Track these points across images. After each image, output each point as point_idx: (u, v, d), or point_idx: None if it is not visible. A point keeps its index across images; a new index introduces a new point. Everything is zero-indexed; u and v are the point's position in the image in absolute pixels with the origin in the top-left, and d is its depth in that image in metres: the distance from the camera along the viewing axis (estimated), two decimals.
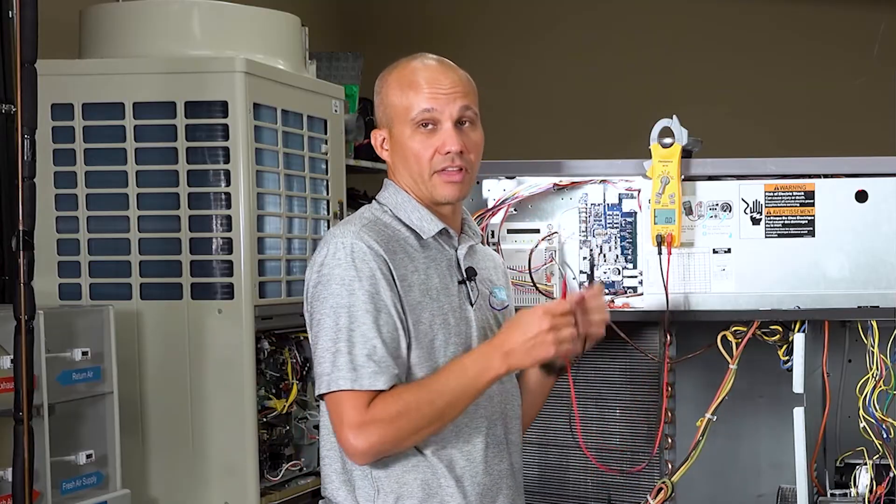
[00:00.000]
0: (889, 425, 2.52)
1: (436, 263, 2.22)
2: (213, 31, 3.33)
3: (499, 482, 2.26)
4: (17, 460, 2.50)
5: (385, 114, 2.25)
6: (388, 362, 2.09)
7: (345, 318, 2.09)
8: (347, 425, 2.07)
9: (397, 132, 2.23)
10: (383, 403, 2.07)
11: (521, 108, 6.33)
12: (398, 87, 2.23)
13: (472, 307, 2.24)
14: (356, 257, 2.11)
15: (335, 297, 2.10)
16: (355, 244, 2.12)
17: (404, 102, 2.21)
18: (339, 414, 2.08)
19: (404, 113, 2.21)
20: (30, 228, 2.50)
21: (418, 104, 2.20)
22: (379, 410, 2.07)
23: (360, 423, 2.06)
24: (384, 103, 2.25)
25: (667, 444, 2.72)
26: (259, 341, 3.22)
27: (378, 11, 6.46)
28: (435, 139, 2.20)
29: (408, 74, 2.23)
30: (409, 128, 2.21)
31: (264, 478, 3.25)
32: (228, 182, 3.14)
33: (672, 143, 2.59)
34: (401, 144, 2.23)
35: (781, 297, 2.58)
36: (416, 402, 2.08)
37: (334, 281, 2.10)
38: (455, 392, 2.11)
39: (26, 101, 2.50)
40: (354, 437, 2.06)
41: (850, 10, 5.98)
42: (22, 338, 2.47)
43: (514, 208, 2.76)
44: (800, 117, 5.98)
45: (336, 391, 2.08)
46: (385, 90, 2.25)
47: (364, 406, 2.07)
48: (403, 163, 2.23)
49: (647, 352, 2.73)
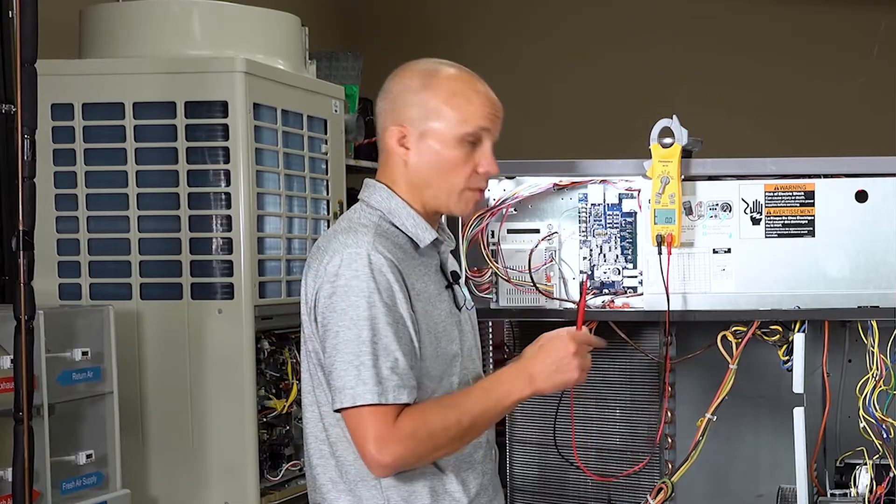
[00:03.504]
0: (889, 425, 2.52)
1: (428, 270, 2.22)
2: (213, 31, 3.33)
3: (493, 481, 2.30)
4: (17, 460, 2.50)
5: (421, 114, 2.17)
6: (409, 375, 2.07)
7: (367, 331, 2.05)
8: (374, 439, 2.04)
9: (436, 138, 2.17)
10: (410, 420, 2.05)
11: (521, 108, 6.31)
12: (451, 94, 2.16)
13: (459, 311, 2.25)
14: (374, 268, 2.07)
15: (355, 308, 2.06)
16: (372, 254, 2.08)
17: (459, 113, 2.16)
18: (364, 427, 2.05)
19: (456, 123, 2.16)
20: (30, 228, 2.49)
21: (476, 120, 2.17)
22: (405, 426, 2.05)
23: (385, 437, 2.04)
24: (425, 105, 2.17)
25: (667, 444, 2.72)
26: (259, 341, 3.22)
27: (378, 11, 6.46)
28: (476, 156, 2.18)
29: (462, 83, 2.18)
30: (454, 138, 2.16)
31: (264, 478, 3.25)
32: (228, 182, 3.14)
33: (672, 143, 2.59)
34: (436, 152, 2.17)
35: (781, 297, 2.58)
36: (443, 422, 2.08)
37: (353, 293, 2.06)
38: (480, 414, 2.12)
39: (26, 101, 2.50)
40: (379, 451, 2.04)
41: (850, 10, 5.98)
42: (22, 338, 2.47)
43: (514, 208, 2.75)
44: (800, 117, 5.98)
45: (361, 405, 2.04)
46: (432, 91, 2.17)
47: (390, 420, 2.04)
48: (433, 169, 2.18)
49: (647, 352, 2.73)
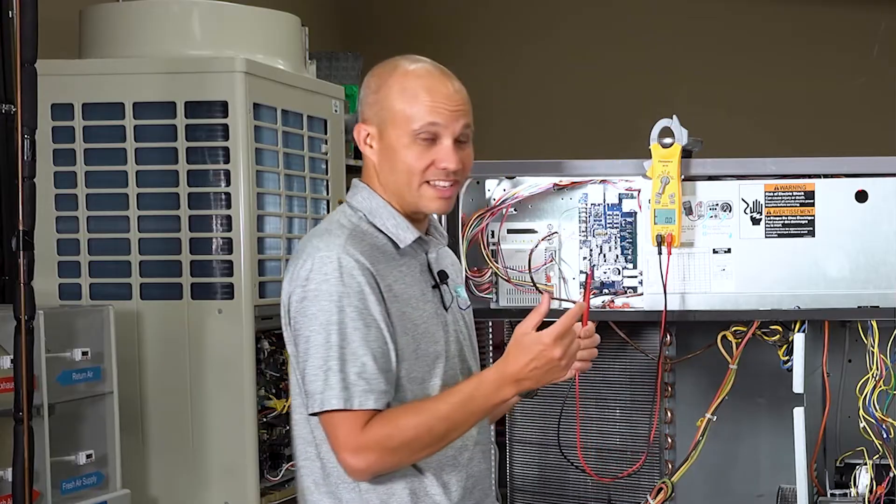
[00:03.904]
0: (889, 425, 2.52)
1: (411, 270, 2.19)
2: (213, 31, 3.33)
3: (481, 483, 2.25)
4: (17, 460, 2.50)
5: (379, 114, 2.16)
6: (380, 380, 2.05)
7: (335, 336, 2.04)
8: (343, 447, 2.04)
9: (392, 136, 2.14)
10: (379, 427, 2.03)
11: (521, 107, 6.33)
12: (401, 92, 2.14)
13: (446, 311, 2.22)
14: (344, 272, 2.05)
15: (324, 313, 2.04)
16: (342, 258, 2.05)
17: (408, 111, 2.13)
18: (335, 434, 2.05)
19: (405, 121, 2.13)
20: (30, 228, 2.50)
21: (423, 116, 2.12)
22: (375, 434, 2.03)
23: (355, 446, 2.03)
24: (381, 103, 2.16)
25: (667, 444, 2.72)
26: (259, 341, 3.23)
27: (378, 11, 6.46)
28: (432, 152, 2.13)
29: (413, 81, 2.15)
30: (406, 136, 2.13)
31: (264, 478, 3.25)
32: (228, 182, 3.14)
33: (672, 143, 2.59)
34: (393, 151, 2.15)
35: (781, 297, 2.58)
36: (415, 429, 2.04)
37: (322, 297, 2.04)
38: (458, 419, 2.08)
39: (26, 101, 2.50)
40: (352, 458, 2.03)
41: (850, 10, 5.98)
42: (22, 338, 2.47)
43: (514, 208, 2.76)
44: (800, 117, 5.98)
45: (329, 410, 2.04)
46: (385, 91, 2.16)
47: (359, 427, 2.03)
48: (390, 168, 2.16)
49: (647, 352, 2.73)
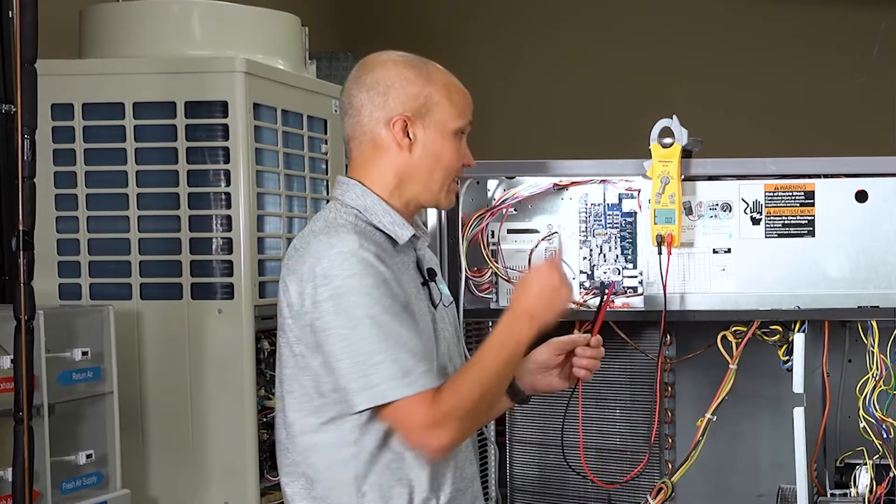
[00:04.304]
0: (889, 425, 2.52)
1: (406, 267, 2.20)
2: (213, 31, 3.33)
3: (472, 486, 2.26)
4: (17, 460, 2.50)
5: (423, 106, 2.16)
6: (430, 357, 2.08)
7: (379, 326, 2.03)
8: (421, 429, 2.04)
9: (437, 129, 2.17)
10: (447, 399, 2.05)
11: (522, 107, 6.33)
12: (445, 88, 2.17)
13: (434, 309, 2.23)
14: (367, 264, 2.05)
15: (360, 307, 2.03)
16: (360, 252, 2.06)
17: (454, 107, 2.17)
18: (405, 419, 2.05)
19: (452, 117, 2.17)
20: (30, 228, 2.50)
21: (466, 114, 2.19)
22: (446, 406, 2.04)
23: (433, 423, 2.03)
24: (428, 96, 2.16)
25: (667, 444, 2.73)
26: (259, 341, 3.22)
27: (378, 11, 6.46)
28: (463, 150, 2.21)
29: (448, 78, 2.20)
30: (451, 131, 2.18)
31: (264, 478, 3.24)
32: (228, 182, 3.14)
33: (672, 143, 2.59)
34: (438, 144, 2.17)
35: (781, 297, 2.58)
36: (478, 389, 2.07)
37: (353, 292, 2.04)
38: (502, 368, 2.11)
39: (26, 101, 2.50)
40: (433, 437, 2.04)
41: (850, 10, 5.99)
42: (22, 338, 2.47)
43: (514, 208, 2.76)
44: (800, 117, 5.98)
45: (394, 401, 2.03)
46: (432, 84, 2.17)
47: (430, 405, 2.03)
48: (432, 161, 2.17)
49: (647, 352, 2.73)
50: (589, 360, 2.32)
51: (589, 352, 2.32)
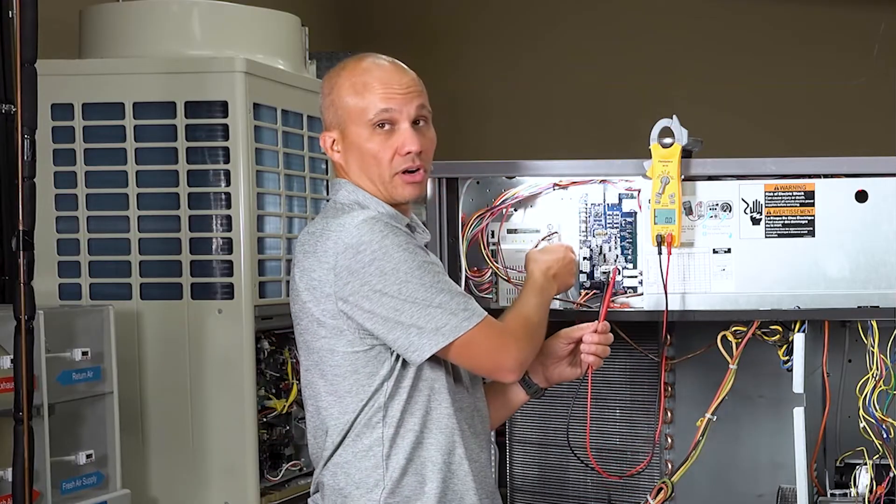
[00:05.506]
0: (889, 425, 2.52)
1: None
2: (213, 31, 3.33)
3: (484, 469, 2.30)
4: (17, 460, 2.50)
5: (336, 115, 2.23)
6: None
7: (426, 276, 2.12)
8: (495, 349, 2.18)
9: (353, 134, 2.21)
10: (509, 321, 2.24)
11: (522, 107, 6.33)
12: (351, 88, 2.20)
13: None
14: (390, 227, 2.14)
15: (404, 262, 2.11)
16: (383, 217, 2.15)
17: (360, 103, 2.19)
18: (478, 345, 2.16)
19: (360, 114, 2.19)
20: (30, 228, 2.50)
21: (375, 104, 2.19)
22: (508, 326, 2.23)
23: (502, 344, 2.19)
24: (335, 105, 2.23)
25: (667, 444, 2.72)
26: (259, 341, 3.23)
27: (378, 11, 6.46)
28: (393, 140, 2.20)
29: (360, 74, 2.21)
30: (365, 129, 2.19)
31: (264, 478, 3.25)
32: (228, 182, 3.14)
33: (672, 143, 2.59)
34: (357, 146, 2.21)
35: (781, 297, 2.58)
36: (525, 318, 2.27)
37: (391, 251, 2.11)
38: (540, 305, 2.33)
39: (26, 101, 2.50)
40: (505, 354, 2.19)
41: (850, 10, 5.99)
42: (22, 338, 2.47)
43: (514, 208, 2.76)
44: (800, 117, 5.98)
45: (464, 333, 2.12)
46: (336, 91, 2.23)
47: (495, 329, 2.19)
48: (361, 165, 2.22)
49: (648, 352, 2.73)
50: (597, 346, 2.41)
51: (596, 338, 2.40)
